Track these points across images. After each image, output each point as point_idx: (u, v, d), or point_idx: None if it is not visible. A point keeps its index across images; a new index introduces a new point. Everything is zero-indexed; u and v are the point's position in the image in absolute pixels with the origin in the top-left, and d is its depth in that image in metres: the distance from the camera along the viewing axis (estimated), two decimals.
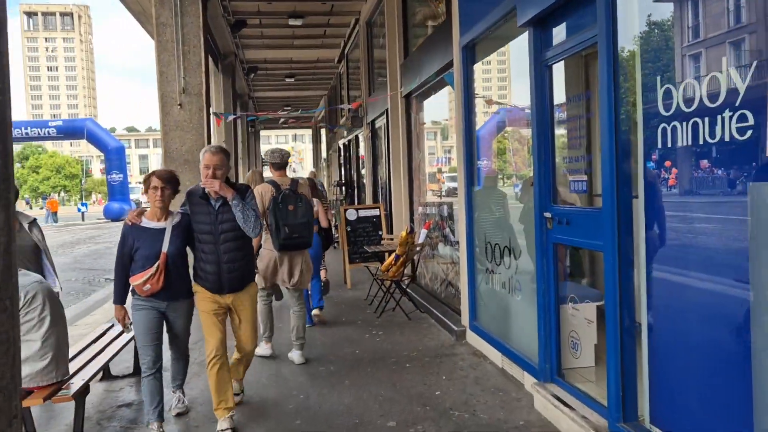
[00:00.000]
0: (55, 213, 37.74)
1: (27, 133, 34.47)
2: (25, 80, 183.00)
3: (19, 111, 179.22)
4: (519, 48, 4.36)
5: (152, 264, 3.82)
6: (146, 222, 3.96)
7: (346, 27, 13.22)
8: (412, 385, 4.70)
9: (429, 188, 8.22)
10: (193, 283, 4.06)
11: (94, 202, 72.97)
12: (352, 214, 9.17)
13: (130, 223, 3.95)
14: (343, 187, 15.50)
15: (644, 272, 3.11)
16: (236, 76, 15.33)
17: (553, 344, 4.05)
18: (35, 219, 4.76)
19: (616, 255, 3.28)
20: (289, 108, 24.14)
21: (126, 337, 5.03)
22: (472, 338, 5.66)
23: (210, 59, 13.58)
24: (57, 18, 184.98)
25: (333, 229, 8.84)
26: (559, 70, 4.15)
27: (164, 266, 3.84)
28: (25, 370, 3.58)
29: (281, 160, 5.44)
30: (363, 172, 12.87)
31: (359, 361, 5.36)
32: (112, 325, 5.32)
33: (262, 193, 5.09)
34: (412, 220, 8.45)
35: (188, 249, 4.08)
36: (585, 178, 4.06)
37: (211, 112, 8.44)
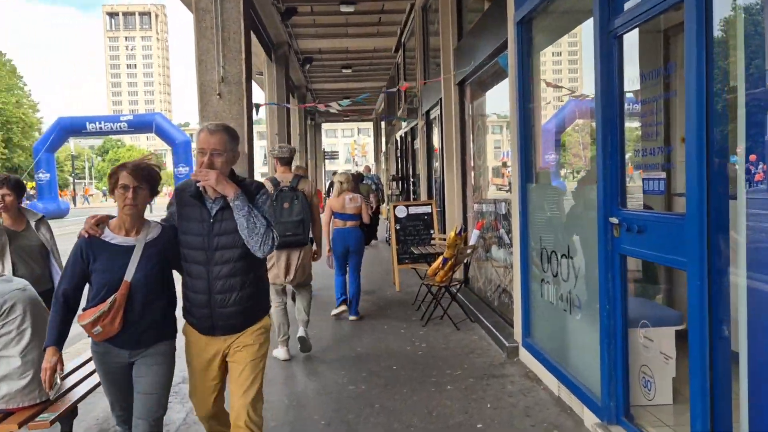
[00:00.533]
0: None
1: (101, 128, 35.67)
2: (106, 78, 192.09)
3: (101, 107, 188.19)
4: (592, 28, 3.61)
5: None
6: (109, 235, 2.81)
7: (402, 13, 12.57)
8: (451, 414, 4.06)
9: (493, 182, 7.50)
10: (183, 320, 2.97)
11: (166, 194, 75.44)
12: (401, 211, 8.57)
13: (86, 235, 2.78)
14: (399, 182, 14.90)
15: (745, 293, 2.38)
16: (290, 66, 14.96)
17: (619, 378, 3.32)
18: (43, 216, 4.43)
19: (705, 274, 2.53)
20: (348, 100, 23.74)
21: None
22: (525, 357, 4.95)
23: (262, 49, 13.27)
24: (136, 17, 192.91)
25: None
26: (631, 42, 3.39)
27: (123, 300, 2.69)
28: (2, 389, 3.19)
29: (287, 155, 5.38)
30: (418, 165, 12.24)
31: (395, 380, 4.76)
32: None
33: None
34: (465, 219, 7.76)
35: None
36: (662, 175, 3.29)
37: (252, 102, 8.00)
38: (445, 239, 7.64)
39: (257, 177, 7.84)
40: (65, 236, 21.43)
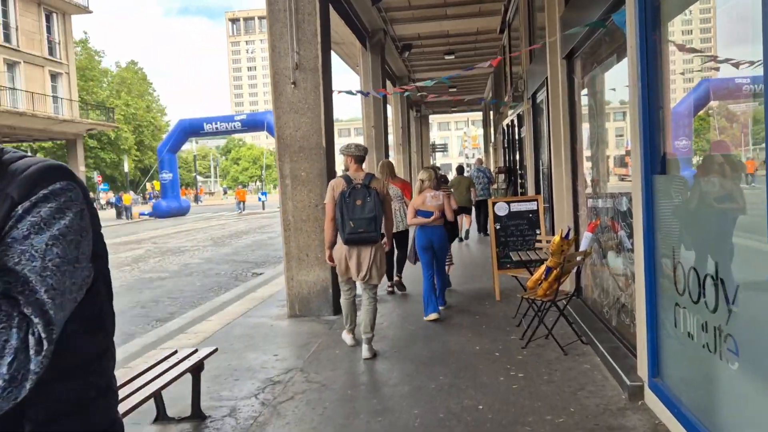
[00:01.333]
0: (243, 202, 40.53)
1: (217, 128, 37.00)
2: (229, 80, 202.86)
3: (225, 107, 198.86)
4: None
5: None
6: None
7: None
8: None
9: (615, 172, 6.22)
10: None
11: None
12: (501, 209, 7.48)
13: None
14: (506, 175, 13.68)
15: None
16: (389, 55, 14.20)
17: None
18: None
19: None
20: (455, 89, 22.64)
21: (184, 365, 4.01)
22: (653, 402, 3.78)
23: (356, 38, 12.59)
24: (256, 21, 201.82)
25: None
26: None
27: None
28: None
29: (360, 153, 5.39)
30: (525, 156, 11.01)
31: (478, 426, 3.77)
32: (176, 351, 4.33)
33: (334, 187, 5.25)
34: (575, 218, 6.55)
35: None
36: None
37: (331, 90, 7.25)
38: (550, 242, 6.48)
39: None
40: (182, 233, 22.04)
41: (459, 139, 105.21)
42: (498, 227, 7.44)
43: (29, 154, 1.25)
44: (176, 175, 37.47)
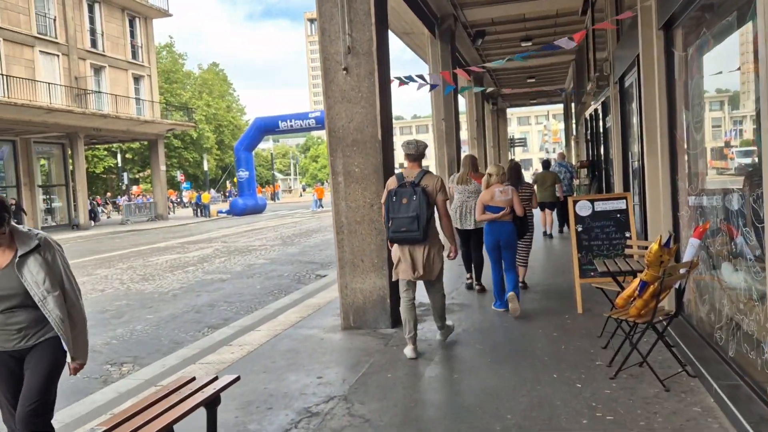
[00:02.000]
0: (321, 199, 40.73)
1: (291, 126, 37.18)
2: (308, 79, 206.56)
3: (304, 106, 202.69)
4: None
5: None
6: None
7: None
8: None
9: (711, 164, 5.14)
10: None
11: None
12: (584, 208, 6.49)
13: None
14: (588, 170, 12.47)
15: None
16: (460, 43, 13.30)
17: None
18: (39, 245, 3.15)
19: None
20: (533, 80, 21.38)
21: (198, 397, 3.40)
22: None
23: (423, 25, 11.77)
24: None
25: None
26: None
27: None
28: None
29: (414, 151, 5.28)
30: (611, 148, 9.85)
31: None
32: (194, 378, 3.72)
33: (387, 186, 5.25)
34: (675, 219, 5.48)
35: None
36: None
37: (387, 76, 6.50)
38: (645, 248, 5.45)
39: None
40: (254, 231, 22.02)
41: (539, 133, 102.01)
42: (580, 229, 6.46)
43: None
44: (252, 173, 37.93)
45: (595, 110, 11.99)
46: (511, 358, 5.00)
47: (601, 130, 11.58)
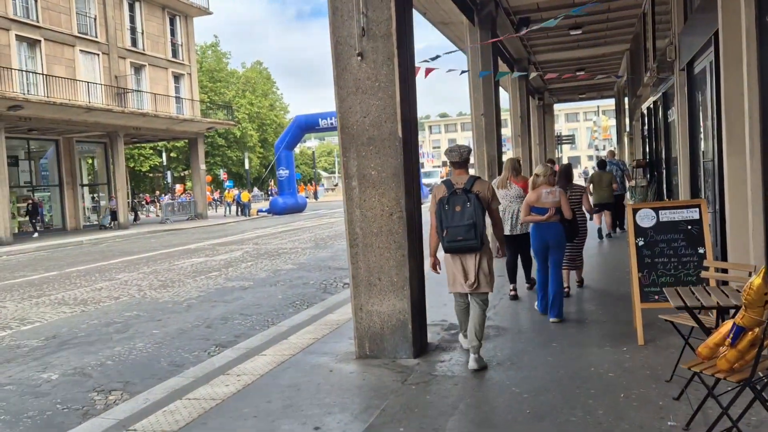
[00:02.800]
0: None
1: (332, 123, 36.46)
2: None
3: None
4: None
5: None
6: None
7: None
8: None
9: None
10: None
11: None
12: (646, 218, 5.40)
13: None
14: (645, 170, 11.21)
15: None
16: (501, 31, 12.18)
17: None
18: None
19: None
20: (582, 71, 19.99)
21: None
22: None
23: (460, 12, 10.76)
24: None
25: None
26: None
27: None
28: None
29: (459, 158, 5.09)
30: (674, 146, 8.64)
31: None
32: None
33: (435, 194, 5.06)
34: None
35: None
36: None
37: (410, 62, 5.56)
38: (725, 271, 4.35)
39: (429, 176, 5.44)
40: (289, 233, 21.38)
41: (588, 130, 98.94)
42: (641, 243, 5.37)
43: None
44: (293, 171, 37.46)
45: (654, 103, 10.74)
46: (555, 411, 4.00)
47: (662, 125, 10.33)
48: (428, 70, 7.03)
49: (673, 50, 7.59)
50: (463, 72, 8.89)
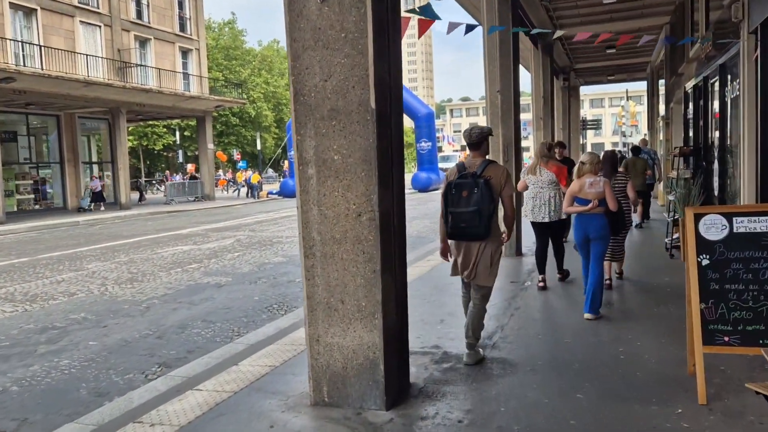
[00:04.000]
0: None
1: None
2: None
3: None
4: None
5: None
6: None
7: None
8: None
9: None
10: None
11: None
12: (714, 228, 3.90)
13: None
14: (689, 158, 9.60)
15: None
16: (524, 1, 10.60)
17: None
18: None
19: None
20: (613, 50, 18.23)
21: None
22: None
23: None
24: None
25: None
26: None
27: None
28: None
29: (469, 140, 4.76)
30: (735, 130, 7.06)
31: None
32: None
33: (447, 176, 4.83)
34: None
35: None
36: None
37: (377, 7, 4.09)
38: None
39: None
40: (290, 218, 20.07)
41: (613, 116, 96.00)
42: (706, 263, 3.88)
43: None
44: None
45: (705, 80, 9.12)
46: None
47: (716, 105, 8.72)
48: (423, 25, 5.49)
49: (740, 8, 6.00)
50: (470, 28, 7.34)
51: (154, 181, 47.87)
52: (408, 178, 40.65)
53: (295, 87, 3.91)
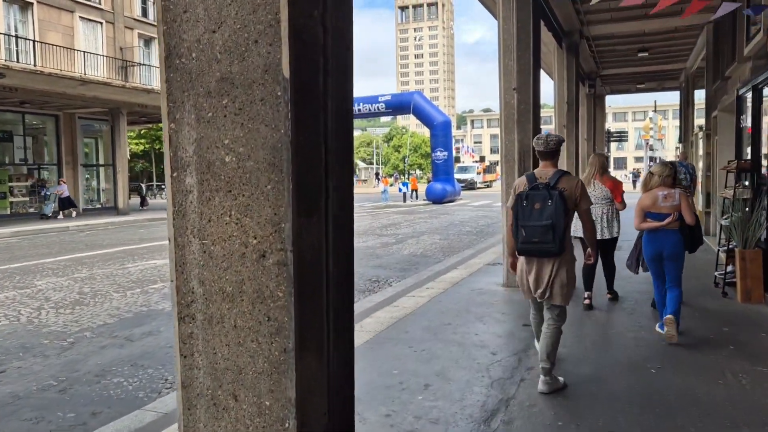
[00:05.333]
0: (415, 190, 38.05)
1: (359, 110, 33.85)
2: (396, 67, 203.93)
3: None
4: None
5: None
6: None
7: None
8: None
9: None
10: None
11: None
12: None
13: None
14: (747, 175, 7.89)
15: None
16: None
17: None
18: None
19: None
20: (646, 54, 16.54)
21: None
22: None
23: None
24: (424, 9, 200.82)
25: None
26: None
27: None
28: None
29: (545, 148, 4.49)
30: None
31: None
32: None
33: (516, 187, 4.57)
34: None
35: None
36: None
37: None
38: None
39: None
40: None
41: (636, 131, 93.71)
42: None
43: None
44: None
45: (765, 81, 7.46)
46: None
47: None
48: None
49: None
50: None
51: (163, 186, 46.79)
52: (423, 188, 39.22)
53: (166, 42, 2.39)
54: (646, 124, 42.44)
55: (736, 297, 7.09)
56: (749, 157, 7.81)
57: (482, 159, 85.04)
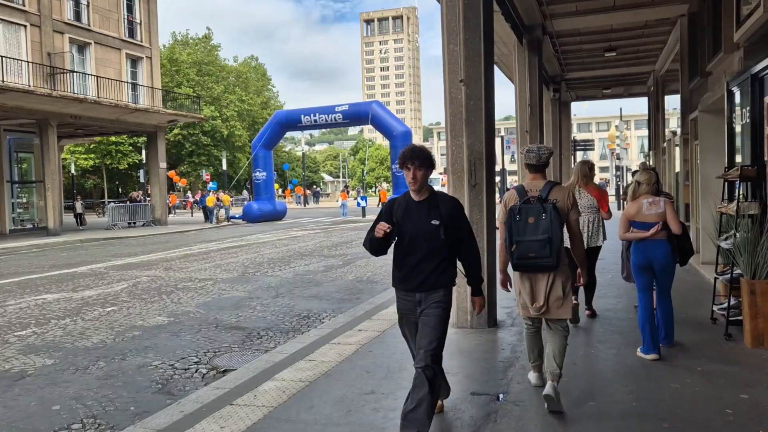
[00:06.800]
0: (345, 204, 36.10)
1: (316, 120, 32.14)
2: (362, 81, 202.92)
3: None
4: None
5: None
6: None
7: None
8: None
9: None
10: None
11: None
12: None
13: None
14: (747, 185, 6.38)
15: None
16: None
17: None
18: None
19: None
20: (614, 53, 15.23)
21: None
22: None
23: None
24: (389, 22, 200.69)
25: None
26: None
27: None
28: None
29: (538, 161, 4.31)
30: None
31: None
32: None
33: (506, 202, 4.39)
34: None
35: None
36: None
37: None
38: None
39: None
40: (231, 250, 16.86)
41: (601, 142, 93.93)
42: None
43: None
44: (271, 174, 32.95)
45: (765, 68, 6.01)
46: None
47: None
48: None
49: None
50: None
51: (112, 203, 44.32)
52: (373, 200, 37.72)
53: None
54: (611, 133, 41.56)
55: (743, 340, 5.57)
56: (744, 161, 6.34)
57: (446, 171, 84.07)
